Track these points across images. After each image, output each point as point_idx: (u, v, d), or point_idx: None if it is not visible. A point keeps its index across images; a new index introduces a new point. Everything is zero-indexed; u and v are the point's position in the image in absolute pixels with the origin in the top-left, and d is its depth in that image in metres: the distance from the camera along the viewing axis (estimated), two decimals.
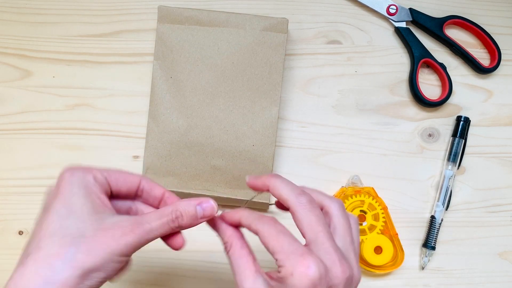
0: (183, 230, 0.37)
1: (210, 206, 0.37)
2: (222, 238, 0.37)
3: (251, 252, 0.35)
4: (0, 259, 0.53)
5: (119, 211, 0.37)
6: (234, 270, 0.34)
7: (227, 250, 0.36)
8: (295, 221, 0.35)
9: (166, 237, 0.37)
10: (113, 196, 0.37)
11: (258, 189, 0.38)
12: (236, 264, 0.34)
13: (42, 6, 0.57)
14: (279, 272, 0.32)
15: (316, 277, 0.31)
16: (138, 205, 0.39)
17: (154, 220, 0.35)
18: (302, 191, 0.36)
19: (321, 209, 0.36)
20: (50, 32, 0.57)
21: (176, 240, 0.37)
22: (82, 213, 0.33)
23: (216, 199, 0.52)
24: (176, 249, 0.37)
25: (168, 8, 0.53)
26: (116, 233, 0.33)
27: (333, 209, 0.36)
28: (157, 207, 0.39)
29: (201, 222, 0.37)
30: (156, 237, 0.35)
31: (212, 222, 0.38)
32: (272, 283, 0.33)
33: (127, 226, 0.34)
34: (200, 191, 0.52)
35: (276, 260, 0.33)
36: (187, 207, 0.36)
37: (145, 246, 0.35)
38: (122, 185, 0.37)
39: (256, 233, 0.35)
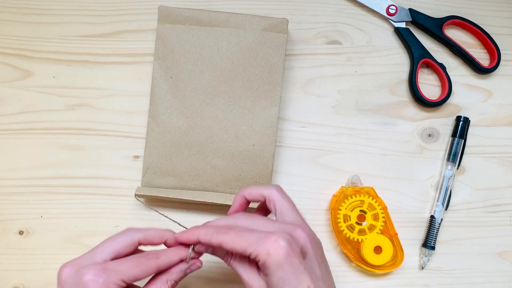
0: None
1: (196, 267, 0.43)
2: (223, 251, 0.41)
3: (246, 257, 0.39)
4: (0, 259, 0.53)
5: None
6: (241, 275, 0.39)
7: (228, 262, 0.40)
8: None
9: None
10: None
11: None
12: (242, 270, 0.39)
13: (42, 6, 0.57)
14: (258, 261, 0.37)
15: (287, 245, 0.37)
16: None
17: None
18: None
19: (264, 199, 0.41)
20: (50, 32, 0.57)
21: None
22: None
23: (215, 205, 0.52)
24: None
25: (168, 8, 0.53)
26: None
27: (273, 195, 0.41)
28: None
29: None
30: None
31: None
32: (264, 277, 0.38)
33: None
34: (199, 191, 0.52)
35: (250, 254, 0.37)
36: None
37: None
38: (139, 278, 0.40)
39: (219, 245, 0.38)
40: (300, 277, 0.37)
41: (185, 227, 0.48)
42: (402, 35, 0.57)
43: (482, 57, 0.58)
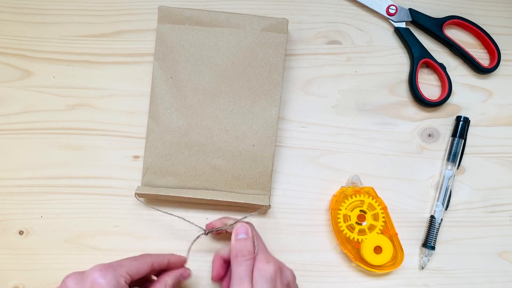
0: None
1: (187, 274, 0.48)
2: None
3: None
4: (0, 259, 0.53)
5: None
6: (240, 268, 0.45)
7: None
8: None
9: None
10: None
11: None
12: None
13: (42, 6, 0.57)
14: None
15: (277, 270, 0.44)
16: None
17: None
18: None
19: None
20: (50, 32, 0.57)
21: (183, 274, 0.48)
22: None
23: (216, 203, 0.52)
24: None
25: (169, 8, 0.53)
26: None
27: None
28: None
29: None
30: None
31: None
32: None
33: None
34: (200, 191, 0.52)
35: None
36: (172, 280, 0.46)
37: None
38: (140, 272, 0.44)
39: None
40: None
41: (188, 221, 0.49)
42: (402, 35, 0.57)
43: (482, 57, 0.58)
